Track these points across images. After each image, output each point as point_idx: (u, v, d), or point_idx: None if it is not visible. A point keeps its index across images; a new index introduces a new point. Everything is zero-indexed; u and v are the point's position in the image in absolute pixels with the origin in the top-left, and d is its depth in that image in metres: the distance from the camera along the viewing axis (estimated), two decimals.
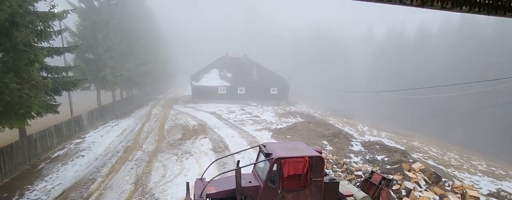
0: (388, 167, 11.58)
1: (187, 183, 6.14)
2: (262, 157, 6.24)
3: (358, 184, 8.10)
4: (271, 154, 5.79)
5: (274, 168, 5.66)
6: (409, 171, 10.25)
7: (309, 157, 5.70)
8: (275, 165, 5.63)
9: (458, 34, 41.00)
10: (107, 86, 21.82)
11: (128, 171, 11.54)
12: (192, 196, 5.93)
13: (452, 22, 43.71)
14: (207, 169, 7.05)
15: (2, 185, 9.85)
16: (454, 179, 13.67)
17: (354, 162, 13.32)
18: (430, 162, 17.43)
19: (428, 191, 9.20)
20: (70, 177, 10.86)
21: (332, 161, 12.08)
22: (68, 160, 12.80)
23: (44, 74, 12.24)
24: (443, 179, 10.39)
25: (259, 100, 37.70)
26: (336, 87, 52.48)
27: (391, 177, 7.77)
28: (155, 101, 37.23)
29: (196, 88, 37.46)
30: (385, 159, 13.47)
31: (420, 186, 9.38)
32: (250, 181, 6.06)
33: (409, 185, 8.97)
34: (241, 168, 5.54)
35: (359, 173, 10.48)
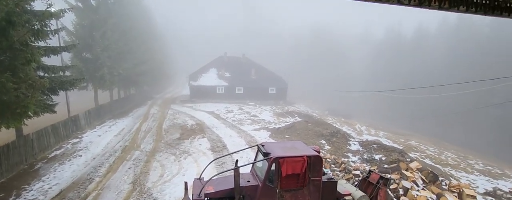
0: (386, 166, 11.63)
1: (186, 183, 6.13)
2: (260, 157, 6.25)
3: (356, 183, 8.14)
4: (269, 153, 5.80)
5: (273, 167, 5.67)
6: (406, 170, 10.31)
7: (308, 156, 5.72)
8: (273, 165, 5.64)
9: (455, 34, 41.23)
10: (105, 85, 21.70)
11: (126, 171, 11.51)
12: (190, 196, 5.93)
13: (450, 22, 43.95)
14: (205, 168, 7.04)
15: None
16: (451, 178, 13.78)
17: (352, 161, 13.37)
18: (427, 161, 17.55)
19: (425, 190, 9.26)
20: (68, 177, 10.81)
21: (330, 160, 12.12)
22: (65, 160, 12.74)
23: (41, 74, 12.20)
24: (440, 178, 10.46)
25: (258, 100, 37.72)
26: (334, 87, 52.59)
27: (388, 176, 7.82)
28: (153, 101, 37.12)
29: (194, 88, 37.40)
30: (383, 158, 13.52)
31: (417, 185, 9.43)
32: (248, 181, 6.07)
33: (407, 184, 9.03)
34: (239, 168, 5.54)
35: (357, 172, 10.51)
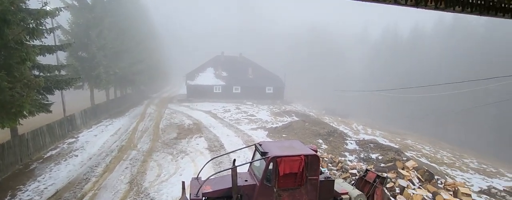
0: (382, 165, 11.72)
1: (183, 182, 6.12)
2: (258, 156, 6.27)
3: (353, 182, 8.19)
4: (267, 153, 5.81)
5: (270, 166, 5.69)
6: (402, 169, 10.40)
7: (305, 155, 5.74)
8: (271, 164, 5.66)
9: (451, 34, 41.60)
10: (101, 85, 21.55)
11: (122, 170, 11.44)
12: (188, 196, 5.92)
13: (445, 22, 44.32)
14: (202, 168, 7.03)
15: None
16: (447, 177, 13.93)
17: (349, 160, 13.43)
18: (423, 160, 17.71)
19: (421, 188, 9.35)
20: (63, 177, 10.73)
21: (327, 159, 12.18)
22: (61, 159, 12.63)
23: (36, 73, 12.09)
24: (435, 177, 10.57)
25: (255, 99, 37.72)
26: (331, 86, 52.76)
27: (385, 175, 7.89)
28: (150, 100, 36.95)
29: (191, 87, 37.29)
30: (379, 157, 13.61)
31: (413, 184, 9.53)
32: (246, 180, 6.08)
33: (403, 183, 9.11)
34: (237, 167, 5.54)
35: (354, 171, 10.58)
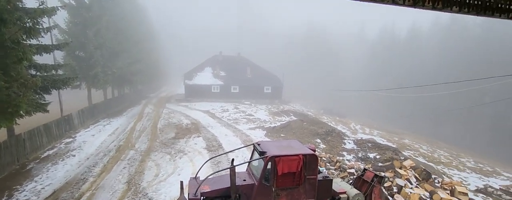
0: (380, 164, 11.76)
1: (181, 182, 6.11)
2: (256, 156, 6.27)
3: (351, 181, 8.22)
4: (265, 152, 5.82)
5: (269, 166, 5.69)
6: (400, 168, 10.45)
7: (303, 155, 5.76)
8: (269, 163, 5.66)
9: (448, 34, 41.84)
10: (98, 84, 21.44)
11: (120, 170, 11.40)
12: (186, 195, 5.92)
13: (442, 23, 44.56)
14: (201, 168, 7.02)
15: None
16: (444, 176, 14.02)
17: (347, 160, 13.48)
18: (420, 159, 17.81)
19: (418, 187, 9.41)
20: (61, 177, 10.67)
21: (325, 159, 12.21)
22: (58, 160, 12.56)
23: (33, 72, 12.01)
24: (433, 176, 10.64)
25: (253, 99, 37.72)
26: (329, 86, 52.93)
27: (383, 174, 7.92)
28: (148, 100, 36.83)
29: (189, 87, 37.20)
30: (377, 156, 13.67)
31: (411, 183, 9.58)
32: (244, 180, 6.08)
33: (401, 182, 9.16)
34: (235, 167, 5.54)
35: (352, 170, 10.62)
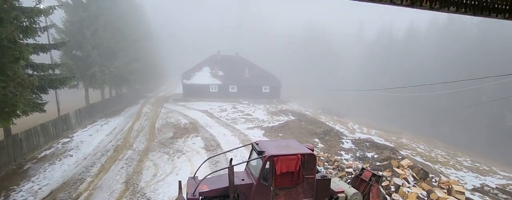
0: (378, 164, 11.81)
1: (179, 182, 6.10)
2: (254, 155, 6.27)
3: (349, 180, 8.25)
4: (263, 152, 5.82)
5: (267, 165, 5.70)
6: (398, 167, 10.49)
7: (302, 154, 5.77)
8: (268, 163, 5.67)
9: (445, 34, 42.07)
10: (96, 84, 21.35)
11: (118, 170, 11.36)
12: (184, 195, 5.91)
13: (439, 23, 44.80)
14: (199, 167, 7.01)
15: None
16: (441, 175, 14.12)
17: (345, 159, 13.52)
18: (418, 158, 17.91)
19: (416, 187, 9.46)
20: (58, 177, 10.61)
21: (323, 158, 12.25)
22: (55, 160, 12.49)
23: (30, 72, 11.93)
24: (430, 175, 10.70)
25: (251, 99, 37.72)
26: (328, 86, 52.98)
27: (380, 173, 7.96)
28: (146, 100, 36.71)
29: (187, 86, 37.13)
30: (375, 156, 13.73)
31: (408, 182, 9.62)
32: (243, 179, 6.08)
33: (398, 181, 9.20)
34: (233, 166, 5.54)
35: (350, 170, 10.65)
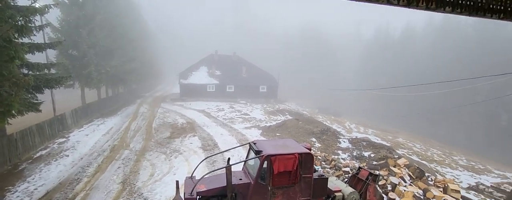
0: (375, 163, 11.89)
1: (177, 182, 6.09)
2: (252, 155, 6.28)
3: (346, 179, 8.30)
4: (261, 151, 5.83)
5: (265, 165, 5.71)
6: (394, 166, 10.57)
7: (299, 154, 5.79)
8: (265, 162, 5.68)
9: (441, 34, 42.41)
10: (92, 83, 21.18)
11: (115, 170, 11.30)
12: (182, 195, 5.90)
13: (435, 23, 45.15)
14: (196, 167, 7.01)
15: None
16: (437, 174, 14.25)
17: (342, 158, 13.59)
18: (414, 157, 18.06)
19: (412, 185, 9.54)
20: (54, 178, 10.53)
21: (320, 157, 12.30)
22: (51, 160, 12.39)
23: (25, 71, 11.82)
24: (426, 174, 10.79)
25: (248, 98, 37.73)
26: (325, 85, 53.13)
27: (377, 172, 8.01)
28: (142, 99, 36.53)
29: (184, 86, 37.02)
30: (372, 155, 13.81)
31: (404, 181, 9.70)
32: (240, 179, 6.09)
33: (395, 180, 9.27)
34: (231, 166, 5.55)
35: (347, 169, 10.71)
